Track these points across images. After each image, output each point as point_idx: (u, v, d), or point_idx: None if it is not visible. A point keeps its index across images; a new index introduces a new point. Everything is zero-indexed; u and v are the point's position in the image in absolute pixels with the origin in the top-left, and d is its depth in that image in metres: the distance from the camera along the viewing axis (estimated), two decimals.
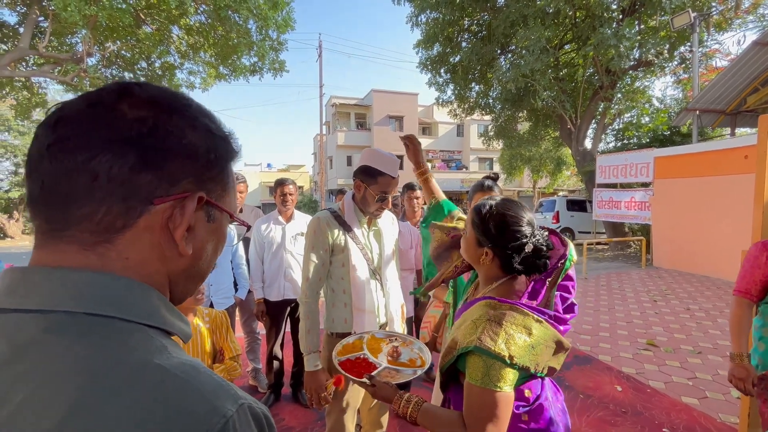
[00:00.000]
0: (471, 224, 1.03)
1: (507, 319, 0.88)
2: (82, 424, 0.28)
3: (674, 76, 12.68)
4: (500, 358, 0.84)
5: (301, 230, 2.69)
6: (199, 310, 1.54)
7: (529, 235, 0.95)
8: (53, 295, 0.33)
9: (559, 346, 0.96)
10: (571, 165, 19.70)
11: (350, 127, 27.67)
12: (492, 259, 0.98)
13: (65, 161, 0.35)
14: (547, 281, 1.00)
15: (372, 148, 1.56)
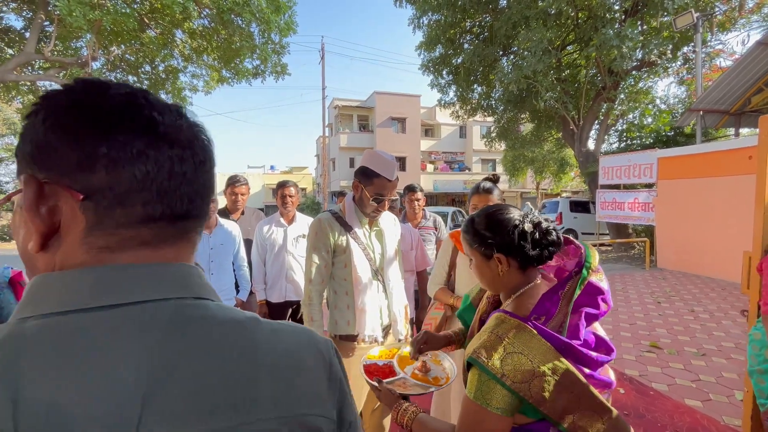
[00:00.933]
0: (469, 246, 0.98)
1: (509, 336, 0.81)
2: (283, 360, 0.39)
3: (677, 76, 12.61)
4: (491, 373, 0.79)
5: (302, 232, 2.71)
6: None
7: (522, 217, 0.92)
8: (176, 285, 0.38)
9: (587, 399, 0.80)
10: (575, 166, 19.62)
11: (353, 129, 27.72)
12: (508, 264, 0.91)
13: (211, 176, 0.42)
14: (560, 294, 0.87)
15: (373, 150, 1.56)
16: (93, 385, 0.30)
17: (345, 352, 1.56)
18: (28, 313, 0.33)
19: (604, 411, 0.81)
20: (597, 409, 0.81)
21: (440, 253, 2.00)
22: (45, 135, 0.35)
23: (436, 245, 3.04)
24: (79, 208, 0.35)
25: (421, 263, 2.61)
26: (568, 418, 0.79)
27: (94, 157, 0.35)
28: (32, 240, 0.35)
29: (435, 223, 3.08)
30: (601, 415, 0.81)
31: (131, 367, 0.32)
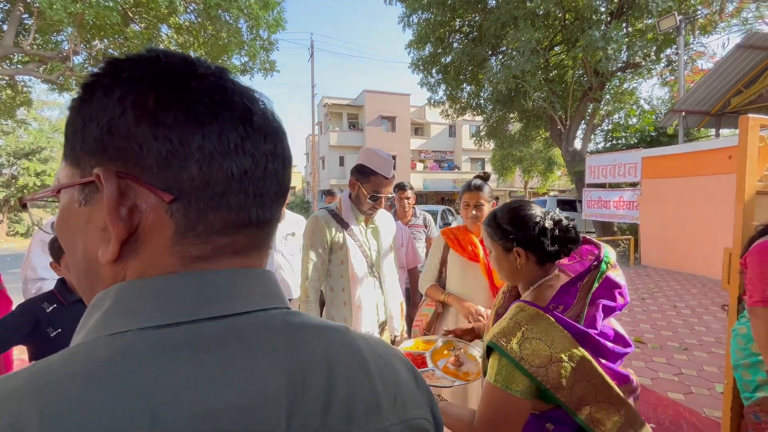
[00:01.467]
0: (490, 238, 1.02)
1: (528, 323, 0.84)
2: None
3: (661, 78, 12.91)
4: (510, 357, 0.81)
5: (292, 230, 2.68)
6: None
7: (543, 214, 0.96)
8: (272, 293, 0.35)
9: (603, 390, 0.81)
10: (562, 165, 19.94)
11: (342, 127, 27.63)
12: (526, 257, 0.95)
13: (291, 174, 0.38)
14: (579, 285, 0.90)
15: (369, 148, 1.57)
16: (239, 396, 0.28)
17: None
18: (125, 326, 0.29)
19: (621, 404, 0.83)
20: (614, 401, 0.82)
21: (432, 251, 2.00)
22: (123, 118, 0.29)
23: (426, 243, 3.05)
24: (167, 211, 0.30)
25: (411, 261, 2.62)
26: (585, 409, 0.81)
27: (186, 150, 0.29)
28: (108, 247, 0.30)
29: (425, 221, 3.09)
30: (618, 408, 0.82)
31: (270, 378, 0.30)
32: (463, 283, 1.87)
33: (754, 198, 1.80)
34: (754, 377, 1.61)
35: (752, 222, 1.78)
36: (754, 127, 1.76)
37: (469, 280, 1.86)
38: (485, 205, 1.81)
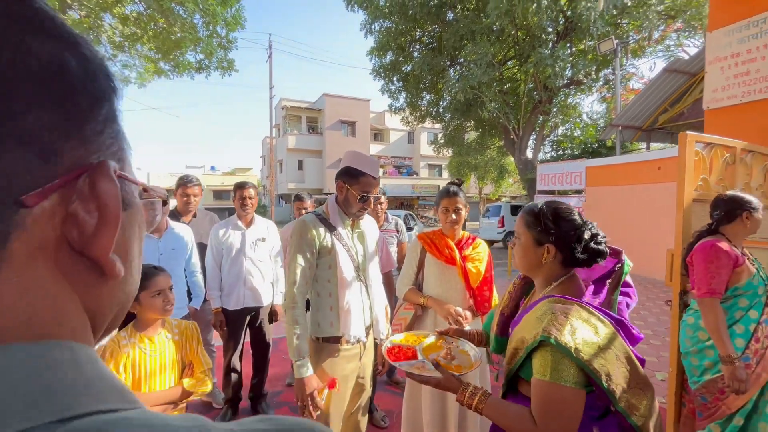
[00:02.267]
0: (525, 227, 1.03)
1: (572, 314, 0.86)
2: None
3: (600, 95, 14.15)
4: (566, 349, 0.82)
5: (262, 235, 2.60)
6: (167, 321, 1.42)
7: (585, 223, 0.99)
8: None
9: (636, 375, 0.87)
10: (513, 173, 21.09)
11: (301, 130, 27.15)
12: (554, 256, 0.98)
13: None
14: (607, 282, 0.98)
15: (353, 150, 1.57)
16: None
17: (330, 353, 1.53)
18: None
19: (648, 386, 0.88)
20: (643, 385, 0.87)
21: (408, 254, 2.04)
22: None
23: (397, 248, 3.09)
24: None
25: (386, 265, 2.64)
26: (624, 396, 0.85)
27: None
28: None
29: (396, 226, 3.13)
30: (646, 391, 0.88)
31: None
32: (440, 286, 1.92)
33: (691, 205, 2.04)
34: (702, 362, 1.81)
35: (690, 226, 2.02)
36: (691, 143, 2.00)
37: (447, 282, 1.92)
38: (463, 210, 1.88)
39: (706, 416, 1.83)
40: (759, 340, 1.73)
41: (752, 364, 1.71)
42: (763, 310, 1.76)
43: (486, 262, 1.96)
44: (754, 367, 1.71)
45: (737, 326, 1.77)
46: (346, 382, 1.54)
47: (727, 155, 2.20)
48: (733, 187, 2.23)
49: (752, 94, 2.72)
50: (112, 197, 0.25)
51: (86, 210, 0.24)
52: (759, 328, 1.74)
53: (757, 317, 1.75)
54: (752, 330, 1.74)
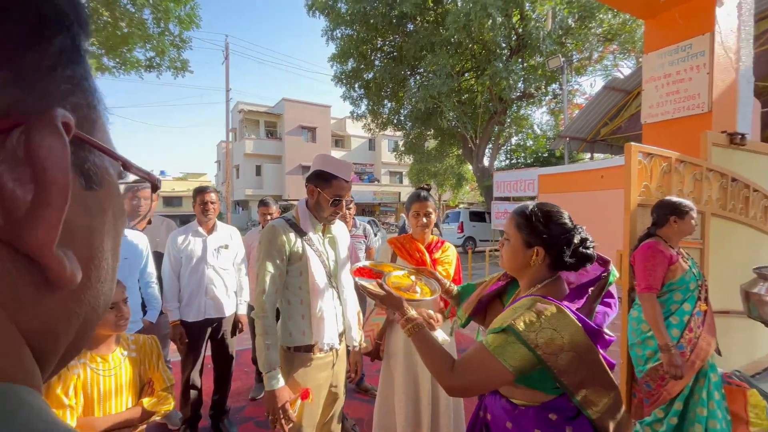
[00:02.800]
0: (516, 228, 1.04)
1: (547, 315, 0.89)
2: None
3: (549, 108, 15.15)
4: (526, 343, 0.87)
5: (224, 242, 2.48)
6: (123, 336, 1.30)
7: (575, 227, 1.01)
8: None
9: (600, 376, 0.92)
10: (471, 180, 21.91)
11: (259, 135, 26.38)
12: (543, 258, 1.00)
13: None
14: (590, 290, 1.00)
15: (323, 154, 1.55)
16: None
17: (302, 363, 1.48)
18: None
19: (612, 388, 0.94)
20: (606, 385, 0.93)
21: (379, 259, 2.04)
22: None
23: (366, 253, 3.08)
24: None
25: None
26: (582, 391, 0.90)
27: None
28: None
29: (365, 232, 3.12)
30: (609, 391, 0.93)
31: None
32: None
33: (636, 209, 2.23)
34: (644, 352, 1.98)
35: (636, 228, 2.21)
36: (635, 153, 2.20)
37: None
38: (433, 214, 1.92)
39: (651, 402, 2.00)
40: (692, 330, 1.93)
41: (686, 352, 1.90)
42: (695, 304, 1.96)
43: (455, 266, 2.01)
44: (689, 355, 1.90)
45: (673, 318, 1.96)
46: (319, 391, 1.51)
47: (664, 164, 2.44)
48: (669, 193, 2.47)
49: (682, 110, 3.05)
50: (56, 162, 0.17)
51: (16, 179, 0.16)
52: (692, 320, 1.93)
53: (690, 309, 1.95)
54: (686, 321, 1.93)
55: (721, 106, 2.98)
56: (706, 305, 1.95)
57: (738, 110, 3.06)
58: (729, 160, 2.88)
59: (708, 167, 2.68)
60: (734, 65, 3.02)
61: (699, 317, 1.94)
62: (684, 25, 2.96)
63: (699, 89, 2.95)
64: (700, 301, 1.95)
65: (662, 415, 2.01)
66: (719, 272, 2.67)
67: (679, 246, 2.05)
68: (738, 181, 2.90)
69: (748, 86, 3.17)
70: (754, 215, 3.07)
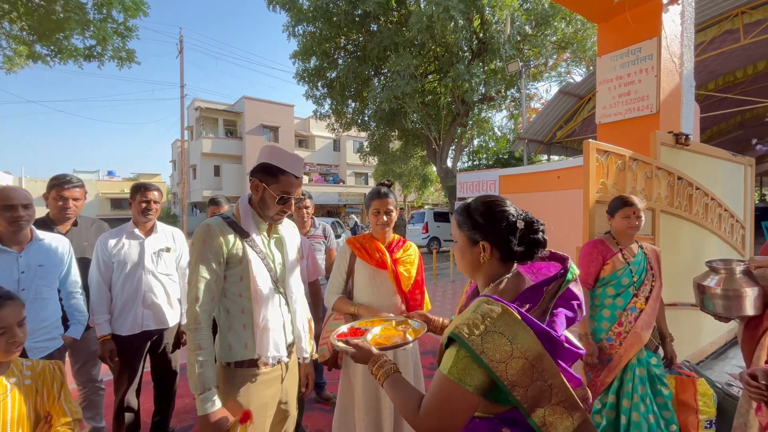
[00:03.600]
0: (458, 227, 0.98)
1: (492, 316, 0.80)
2: None
3: (508, 111, 15.68)
4: (471, 348, 0.78)
5: (165, 245, 2.23)
6: (15, 362, 1.06)
7: (517, 213, 0.93)
8: None
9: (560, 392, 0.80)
10: (435, 181, 22.24)
11: (218, 134, 25.25)
12: (491, 253, 0.93)
13: None
14: (545, 289, 0.90)
15: (272, 145, 1.39)
16: None
17: (244, 380, 1.30)
18: None
19: (575, 408, 0.82)
20: (568, 404, 0.81)
21: (337, 261, 1.90)
22: None
23: (325, 255, 2.92)
24: None
25: (312, 273, 2.45)
26: (539, 411, 0.79)
27: None
28: None
29: (324, 232, 2.96)
30: (572, 412, 0.81)
31: None
32: (371, 292, 1.82)
33: (595, 206, 2.26)
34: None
35: (596, 223, 2.23)
36: (593, 150, 2.22)
37: (378, 288, 1.82)
38: (394, 211, 1.82)
39: (592, 393, 2.06)
40: (622, 324, 2.01)
41: (615, 344, 1.99)
42: (630, 300, 2.02)
43: (417, 265, 1.92)
44: (617, 348, 1.99)
45: (605, 311, 2.05)
46: (265, 410, 1.34)
47: (619, 162, 2.49)
48: (624, 190, 2.54)
49: (633, 111, 3.17)
50: None
51: None
52: (623, 314, 2.01)
53: (623, 305, 2.02)
54: (617, 315, 2.02)
55: (667, 108, 3.13)
56: (644, 304, 1.99)
57: (682, 112, 3.22)
58: (675, 160, 3.03)
59: (657, 165, 2.79)
60: (678, 69, 3.19)
61: (633, 313, 2.00)
62: (634, 29, 3.08)
63: (648, 91, 3.07)
64: (636, 298, 2.00)
65: (599, 407, 2.09)
66: (668, 266, 2.78)
67: (640, 243, 2.09)
68: (683, 180, 3.05)
69: (690, 90, 3.36)
70: (696, 212, 3.26)
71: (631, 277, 2.00)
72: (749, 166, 4.18)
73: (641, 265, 2.03)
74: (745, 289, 1.56)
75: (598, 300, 2.06)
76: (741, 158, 4.04)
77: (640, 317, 1.98)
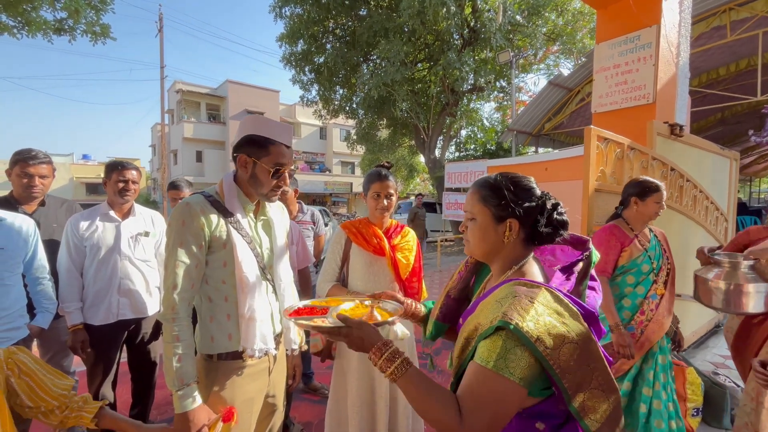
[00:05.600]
0: (482, 202, 0.88)
1: (539, 298, 0.74)
2: None
3: (497, 102, 15.67)
4: (526, 337, 0.69)
5: (144, 229, 2.08)
6: None
7: (545, 193, 0.88)
8: None
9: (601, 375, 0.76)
10: (422, 172, 22.19)
11: (200, 118, 24.45)
12: (517, 233, 0.85)
13: None
14: (575, 271, 0.84)
15: (254, 115, 1.25)
16: None
17: (227, 373, 1.19)
18: None
19: (612, 390, 0.78)
20: (606, 387, 0.77)
21: (332, 247, 1.80)
22: None
23: (314, 241, 2.81)
24: None
25: (302, 260, 2.34)
26: (580, 396, 0.74)
27: None
28: None
29: (313, 218, 2.84)
30: (608, 395, 0.77)
31: None
32: (368, 280, 1.73)
33: (594, 195, 2.21)
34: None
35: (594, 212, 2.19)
36: (594, 136, 2.16)
37: (375, 275, 1.73)
38: (394, 195, 1.72)
39: None
40: (644, 313, 1.95)
41: (636, 334, 1.93)
42: (650, 287, 1.98)
43: (415, 252, 1.83)
44: (639, 336, 1.93)
45: (625, 300, 1.99)
46: (251, 405, 1.23)
47: (617, 150, 2.45)
48: (621, 180, 2.50)
49: (629, 101, 3.14)
50: None
51: None
52: (645, 302, 1.96)
53: (644, 293, 1.97)
54: (638, 304, 1.96)
55: (663, 98, 3.10)
56: (664, 289, 1.96)
57: (677, 103, 3.21)
58: (668, 151, 3.02)
59: (653, 156, 2.77)
60: (675, 59, 3.16)
61: (654, 300, 1.96)
62: (633, 16, 3.02)
63: (645, 80, 3.04)
64: (656, 285, 1.97)
65: None
66: None
67: (648, 226, 2.05)
68: (675, 171, 3.05)
69: (684, 81, 3.35)
70: (686, 204, 3.28)
71: (650, 263, 1.95)
72: (735, 161, 4.25)
73: (657, 250, 1.99)
74: (748, 285, 1.53)
75: (617, 289, 1.99)
76: (728, 152, 4.09)
77: (661, 304, 1.94)
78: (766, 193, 23.89)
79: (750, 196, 21.34)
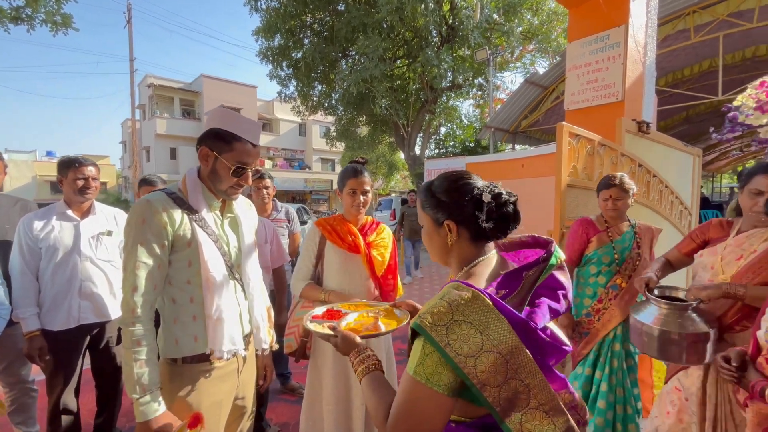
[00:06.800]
0: (421, 209, 0.88)
1: (460, 303, 0.69)
2: None
3: (475, 100, 15.85)
4: (434, 341, 0.67)
5: (106, 228, 1.98)
6: None
7: (483, 186, 0.81)
8: None
9: (540, 394, 0.69)
10: (402, 169, 22.23)
11: (174, 113, 23.65)
12: (458, 233, 0.82)
13: None
14: (524, 274, 0.79)
15: (223, 107, 1.19)
16: None
17: (194, 377, 1.14)
18: None
19: (558, 413, 0.69)
20: (549, 408, 0.69)
21: (306, 245, 1.76)
22: None
23: (289, 239, 2.76)
24: None
25: (277, 259, 2.29)
26: (515, 416, 0.68)
27: None
28: None
29: (287, 215, 2.79)
30: (553, 417, 0.69)
31: None
32: (343, 278, 1.70)
33: (566, 190, 2.26)
34: None
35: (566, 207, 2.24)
36: (566, 132, 2.20)
37: (350, 273, 1.71)
38: (370, 191, 1.70)
39: (572, 363, 2.17)
40: (602, 301, 2.07)
41: (593, 320, 2.07)
42: (611, 278, 2.06)
43: (390, 249, 1.82)
44: (595, 323, 2.06)
45: (587, 288, 2.11)
46: (219, 409, 1.19)
47: (588, 146, 2.51)
48: (592, 175, 2.57)
49: (600, 98, 3.22)
50: None
51: None
52: (604, 292, 2.07)
53: (604, 282, 2.08)
54: (598, 293, 2.07)
55: (631, 96, 3.20)
56: (626, 282, 2.03)
57: (644, 101, 3.32)
58: (636, 148, 3.12)
59: (622, 152, 2.85)
60: (642, 59, 3.26)
61: (614, 291, 2.05)
62: (603, 16, 3.10)
63: (614, 78, 3.12)
64: (619, 276, 2.04)
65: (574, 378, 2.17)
66: None
67: (634, 221, 2.11)
68: (643, 167, 3.15)
69: (651, 80, 3.47)
70: (652, 198, 3.40)
71: (612, 254, 2.03)
72: (698, 157, 4.44)
73: (626, 243, 2.05)
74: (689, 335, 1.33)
75: (582, 278, 2.11)
76: (692, 149, 4.27)
77: (620, 295, 2.03)
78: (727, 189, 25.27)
79: (712, 191, 22.55)
